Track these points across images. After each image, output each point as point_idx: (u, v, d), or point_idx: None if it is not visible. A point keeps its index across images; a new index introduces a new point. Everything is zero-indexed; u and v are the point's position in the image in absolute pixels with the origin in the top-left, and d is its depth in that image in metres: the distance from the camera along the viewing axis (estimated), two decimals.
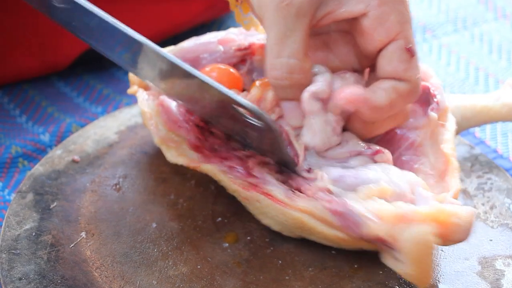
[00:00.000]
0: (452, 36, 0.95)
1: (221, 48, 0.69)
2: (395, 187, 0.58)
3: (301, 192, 0.61)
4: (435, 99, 0.65)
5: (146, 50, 0.59)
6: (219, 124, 0.65)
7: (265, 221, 0.63)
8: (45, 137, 0.77)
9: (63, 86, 0.85)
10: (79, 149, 0.72)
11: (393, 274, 0.61)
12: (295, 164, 0.61)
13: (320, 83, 0.60)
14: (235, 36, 0.70)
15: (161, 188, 0.68)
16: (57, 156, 0.71)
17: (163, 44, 0.72)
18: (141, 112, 0.69)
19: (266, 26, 0.60)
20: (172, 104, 0.65)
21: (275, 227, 0.63)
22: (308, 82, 0.60)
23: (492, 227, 0.65)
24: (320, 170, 0.61)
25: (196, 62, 0.69)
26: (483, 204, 0.67)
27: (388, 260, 0.59)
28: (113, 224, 0.64)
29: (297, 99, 0.60)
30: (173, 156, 0.66)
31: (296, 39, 0.58)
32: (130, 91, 0.71)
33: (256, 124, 0.60)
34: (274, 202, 0.61)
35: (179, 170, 0.70)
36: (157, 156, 0.71)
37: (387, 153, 0.61)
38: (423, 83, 0.64)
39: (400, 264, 0.57)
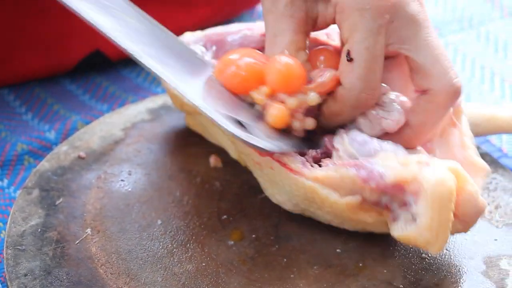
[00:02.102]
0: (458, 34, 0.95)
1: (247, 32, 0.69)
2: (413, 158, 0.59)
3: (318, 163, 0.61)
4: None
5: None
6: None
7: (270, 191, 0.63)
8: (51, 135, 0.77)
9: (69, 84, 0.85)
10: (85, 146, 0.72)
11: (398, 273, 0.61)
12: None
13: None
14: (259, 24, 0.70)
15: (167, 185, 0.68)
16: (63, 152, 0.71)
17: None
18: (170, 96, 0.71)
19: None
20: None
21: (280, 197, 0.63)
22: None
23: (497, 226, 0.65)
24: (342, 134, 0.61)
25: (221, 43, 0.69)
26: (488, 204, 0.67)
27: (399, 227, 0.58)
28: (118, 221, 0.65)
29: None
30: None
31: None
32: None
33: None
34: (288, 171, 0.60)
35: (185, 167, 0.70)
36: (162, 153, 0.71)
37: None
38: None
39: (413, 226, 0.57)
